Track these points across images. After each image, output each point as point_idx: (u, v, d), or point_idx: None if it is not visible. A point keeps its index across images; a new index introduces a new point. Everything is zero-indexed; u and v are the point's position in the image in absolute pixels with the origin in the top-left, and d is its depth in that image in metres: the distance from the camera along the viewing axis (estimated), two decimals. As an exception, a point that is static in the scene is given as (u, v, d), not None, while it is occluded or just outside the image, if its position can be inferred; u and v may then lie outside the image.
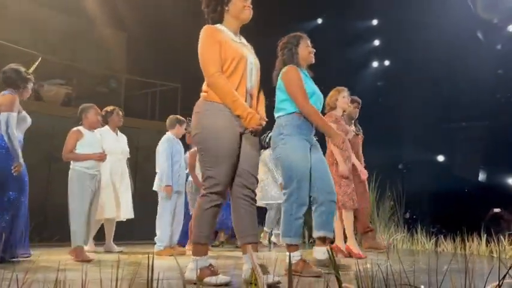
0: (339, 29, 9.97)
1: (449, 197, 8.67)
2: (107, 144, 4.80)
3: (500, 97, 9.65)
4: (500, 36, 9.34)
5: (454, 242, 5.24)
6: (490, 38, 9.39)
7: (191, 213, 5.03)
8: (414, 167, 9.50)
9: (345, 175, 4.25)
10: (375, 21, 11.06)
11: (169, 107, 8.06)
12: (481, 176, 9.86)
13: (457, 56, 8.86)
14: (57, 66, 7.94)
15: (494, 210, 7.86)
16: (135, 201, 5.39)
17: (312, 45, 3.27)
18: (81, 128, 4.34)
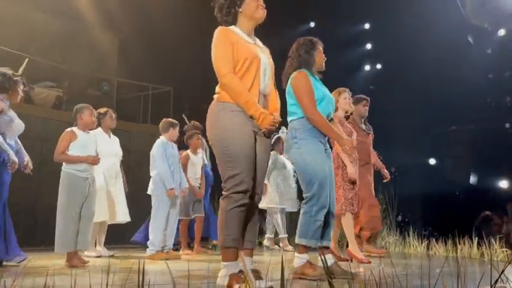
0: (332, 32, 10.00)
1: (441, 200, 8.73)
2: (100, 146, 4.75)
3: (491, 101, 9.76)
4: (491, 40, 9.45)
5: (446, 245, 5.27)
6: (480, 43, 9.49)
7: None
8: (406, 170, 9.54)
9: (353, 178, 4.21)
10: (367, 25, 11.14)
11: (162, 110, 8.03)
12: (472, 179, 9.94)
13: (448, 60, 8.94)
14: (48, 68, 7.89)
15: (486, 213, 7.92)
16: (127, 205, 5.34)
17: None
18: (75, 129, 4.25)
